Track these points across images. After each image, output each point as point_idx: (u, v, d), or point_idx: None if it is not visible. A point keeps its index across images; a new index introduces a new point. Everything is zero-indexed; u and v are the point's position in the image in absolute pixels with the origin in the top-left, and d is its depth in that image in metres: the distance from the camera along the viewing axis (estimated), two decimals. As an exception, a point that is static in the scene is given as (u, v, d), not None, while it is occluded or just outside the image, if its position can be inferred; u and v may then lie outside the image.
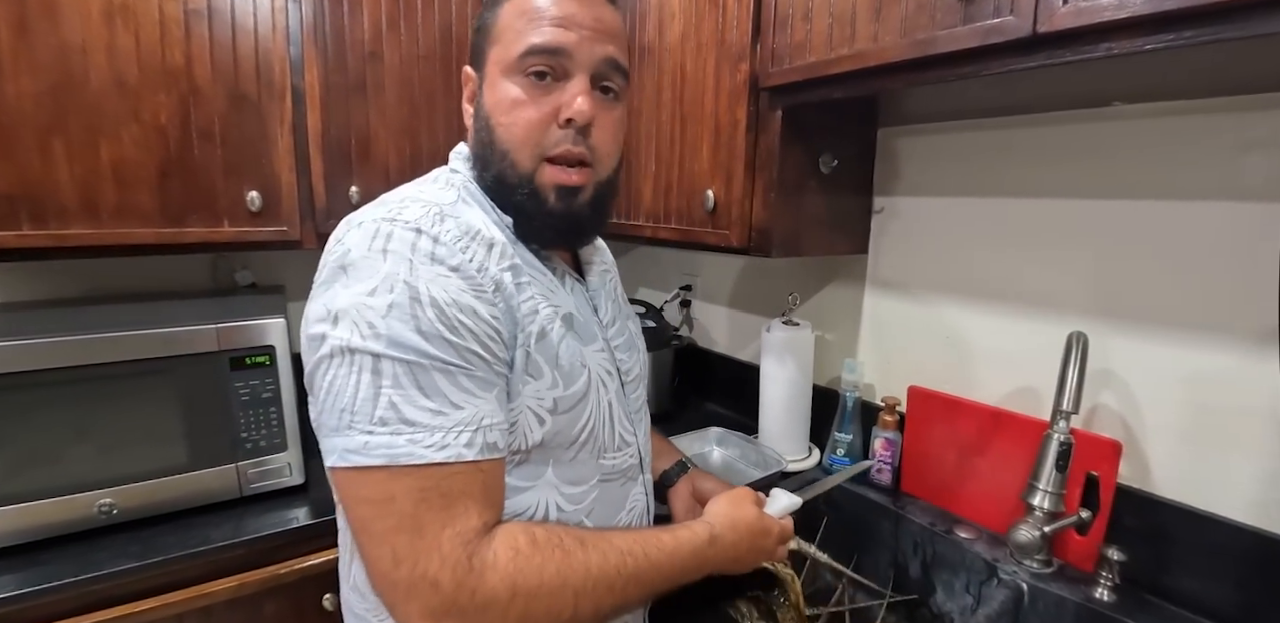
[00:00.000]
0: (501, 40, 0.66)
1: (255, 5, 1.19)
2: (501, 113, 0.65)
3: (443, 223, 0.60)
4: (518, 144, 0.65)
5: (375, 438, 0.54)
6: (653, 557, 0.63)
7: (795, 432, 1.32)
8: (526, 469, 0.65)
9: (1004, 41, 0.73)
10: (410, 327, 0.55)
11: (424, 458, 0.54)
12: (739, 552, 0.72)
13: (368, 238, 0.58)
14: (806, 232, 1.15)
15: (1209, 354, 0.89)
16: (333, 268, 0.59)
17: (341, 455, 0.56)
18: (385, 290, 0.55)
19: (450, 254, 0.58)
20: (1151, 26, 0.63)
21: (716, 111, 1.13)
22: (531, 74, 0.64)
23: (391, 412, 0.55)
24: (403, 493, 0.54)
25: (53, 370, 0.99)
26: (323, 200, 1.29)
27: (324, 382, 0.57)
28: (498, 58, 0.66)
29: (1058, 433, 0.89)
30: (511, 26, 0.65)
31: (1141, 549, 0.91)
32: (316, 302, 0.59)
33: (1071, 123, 0.99)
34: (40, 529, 1.00)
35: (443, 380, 0.56)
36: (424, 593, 0.54)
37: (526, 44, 0.63)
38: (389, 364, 0.55)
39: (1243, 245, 0.84)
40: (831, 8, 0.92)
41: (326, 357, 0.57)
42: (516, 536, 0.58)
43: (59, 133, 1.07)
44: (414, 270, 0.56)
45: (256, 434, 1.13)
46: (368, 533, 0.56)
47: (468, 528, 0.56)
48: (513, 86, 0.65)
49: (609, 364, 0.74)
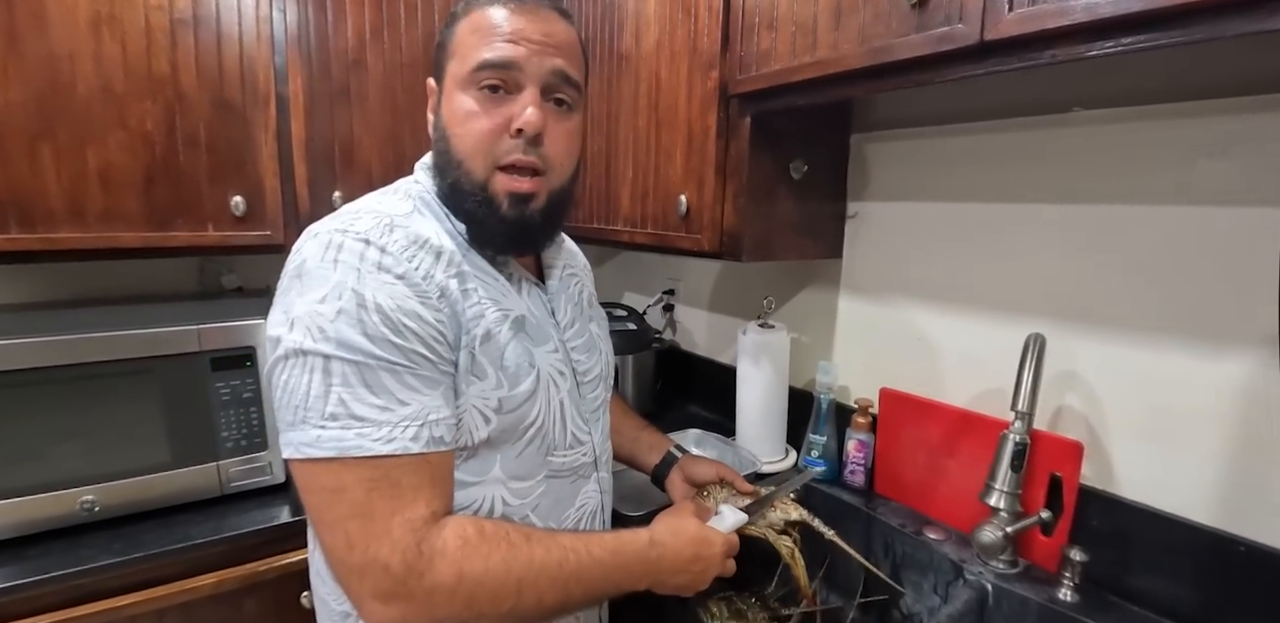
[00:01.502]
0: (457, 55, 0.69)
1: (240, 14, 1.22)
2: (456, 124, 0.68)
3: (391, 233, 0.63)
4: (471, 153, 0.68)
5: (326, 432, 0.58)
6: (595, 554, 0.66)
7: (771, 434, 1.33)
8: (474, 465, 0.68)
9: (954, 49, 0.74)
10: (357, 331, 0.59)
11: (371, 451, 0.58)
12: (682, 560, 0.73)
13: (321, 248, 0.62)
14: (778, 236, 1.16)
15: (1167, 357, 0.90)
16: (290, 276, 0.63)
17: (297, 448, 0.59)
18: (335, 297, 0.59)
19: (396, 263, 0.62)
20: (1092, 33, 0.65)
21: (689, 118, 1.15)
22: (484, 87, 0.67)
23: (341, 408, 0.58)
24: (354, 482, 0.58)
25: (37, 370, 1.01)
26: (306, 205, 1.32)
27: (280, 381, 0.61)
28: (454, 72, 0.69)
29: (1013, 434, 0.90)
30: (465, 42, 0.68)
31: (1104, 550, 0.91)
32: (276, 308, 0.63)
33: (1035, 128, 1.00)
34: (24, 525, 1.03)
35: (389, 379, 0.59)
36: (375, 575, 0.57)
37: (479, 59, 0.66)
38: (338, 365, 0.58)
39: (1198, 249, 0.86)
40: (795, 17, 0.94)
41: (281, 358, 0.60)
42: (466, 526, 0.61)
43: (47, 139, 1.10)
44: (361, 278, 0.60)
45: (237, 434, 1.15)
46: (323, 521, 0.60)
47: (417, 516, 0.59)
48: (467, 99, 0.68)
49: (562, 366, 0.76)
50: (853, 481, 1.23)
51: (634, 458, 1.04)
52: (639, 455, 1.04)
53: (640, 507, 1.09)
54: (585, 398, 0.80)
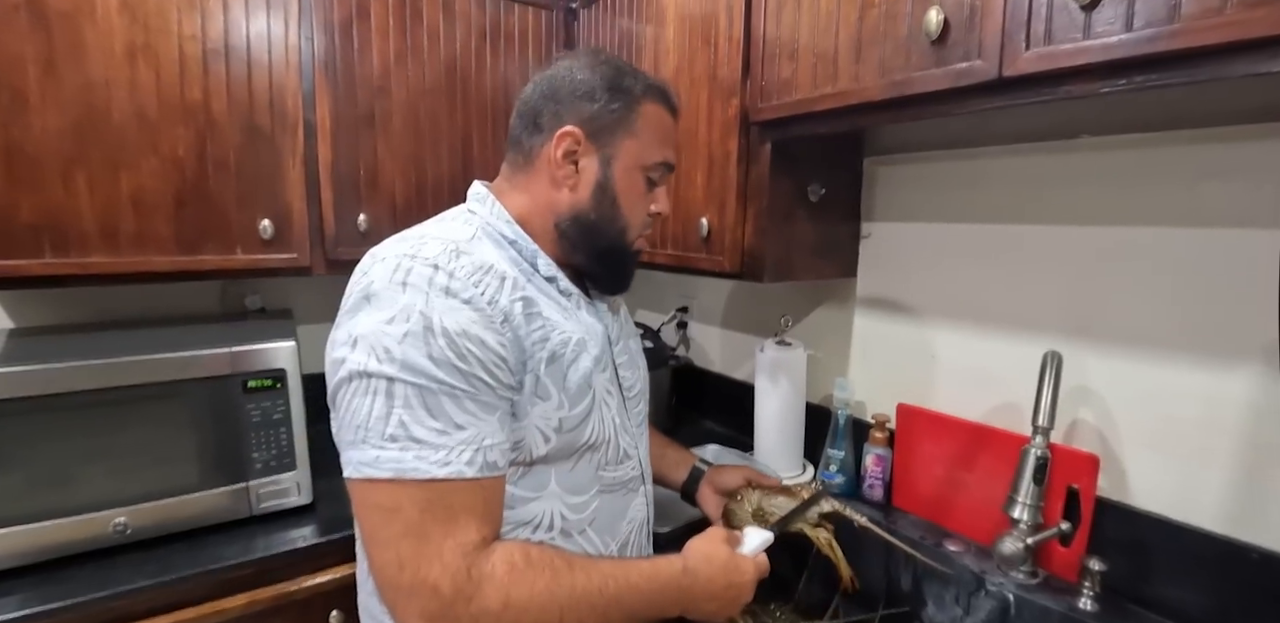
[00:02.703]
0: (640, 139, 0.78)
1: (270, 43, 1.26)
2: (628, 197, 0.79)
3: (458, 259, 0.66)
4: (634, 224, 0.81)
5: (385, 453, 0.60)
6: (633, 581, 0.68)
7: (789, 449, 1.36)
8: (531, 480, 0.71)
9: (973, 84, 0.79)
10: (422, 353, 0.61)
11: (427, 473, 0.60)
12: (715, 587, 0.75)
13: (389, 271, 0.64)
14: (796, 256, 1.20)
15: (1176, 370, 0.93)
16: (357, 297, 0.65)
17: (355, 467, 0.62)
18: (402, 319, 0.62)
19: (463, 288, 0.65)
20: (1106, 72, 0.69)
21: (710, 143, 1.19)
22: (651, 178, 0.81)
23: (401, 430, 0.61)
24: (409, 504, 0.60)
25: (73, 394, 1.02)
26: (332, 228, 1.35)
27: (343, 401, 0.63)
28: (635, 152, 0.78)
29: (1035, 448, 0.94)
30: (651, 132, 0.79)
31: (1122, 559, 0.94)
32: (341, 328, 0.65)
33: (1044, 154, 1.05)
34: (58, 548, 1.03)
35: (449, 404, 0.62)
36: (424, 597, 0.59)
37: (663, 159, 0.80)
38: (401, 387, 0.61)
39: (1203, 267, 0.90)
40: (816, 48, 0.98)
41: (346, 379, 0.63)
42: (514, 552, 0.63)
43: (81, 165, 1.12)
44: (429, 302, 0.63)
45: (266, 455, 1.17)
46: (376, 539, 0.62)
47: (468, 541, 0.61)
48: (641, 181, 0.80)
49: (610, 384, 0.79)
50: (871, 495, 1.25)
51: (661, 475, 1.06)
52: (666, 472, 1.06)
53: (668, 522, 1.11)
54: (631, 413, 0.83)
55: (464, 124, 1.49)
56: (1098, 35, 0.67)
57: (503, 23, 1.52)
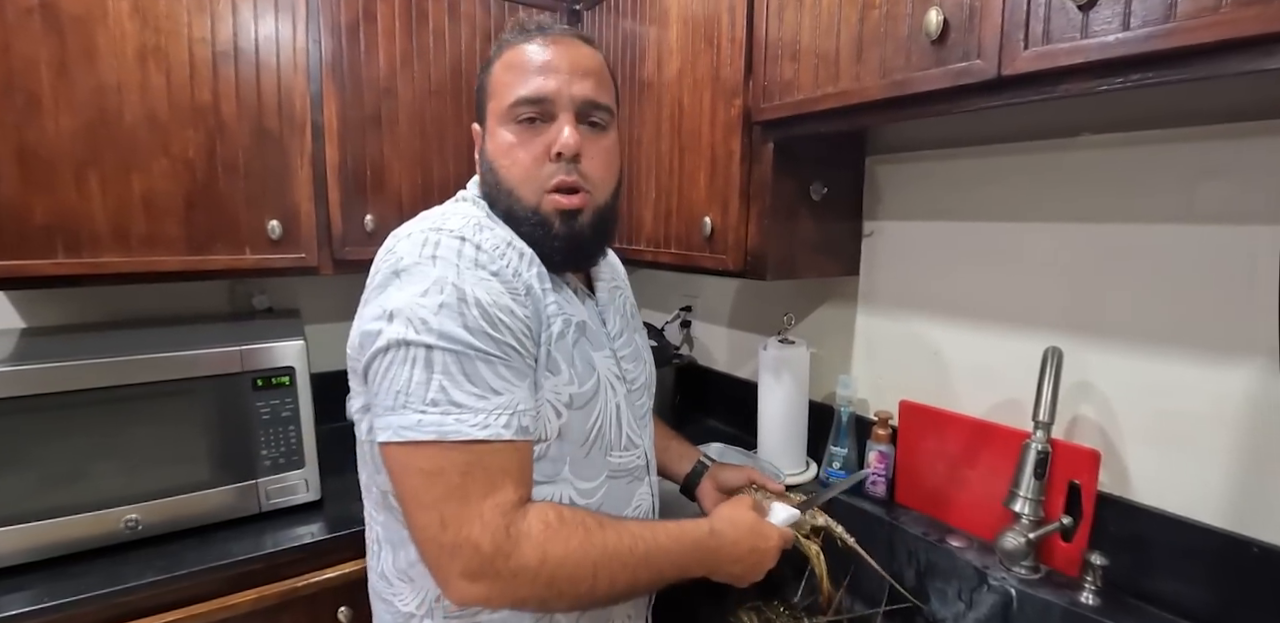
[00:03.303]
0: (495, 94, 0.76)
1: (278, 46, 1.27)
2: (501, 155, 0.75)
3: (482, 232, 0.69)
4: (520, 180, 0.74)
5: (428, 417, 0.62)
6: (661, 541, 0.70)
7: (793, 446, 1.37)
8: (545, 466, 0.72)
9: (972, 83, 0.80)
10: (458, 323, 0.63)
11: (469, 436, 0.62)
12: (740, 550, 0.77)
13: (417, 246, 0.66)
14: (799, 255, 1.21)
15: (1176, 366, 0.94)
16: (386, 273, 0.67)
17: (396, 432, 0.63)
18: (436, 291, 0.64)
19: (491, 259, 0.67)
20: (1104, 70, 0.70)
21: (713, 143, 1.20)
22: (522, 121, 0.73)
23: (442, 395, 0.62)
24: (451, 466, 0.62)
25: (85, 391, 1.04)
26: (339, 228, 1.36)
27: (380, 369, 0.65)
28: (494, 110, 0.76)
29: (1035, 443, 0.95)
30: (500, 81, 0.75)
31: (1123, 554, 0.95)
32: (371, 303, 0.67)
33: (1045, 152, 1.06)
34: (70, 544, 1.05)
35: (485, 370, 0.64)
36: (466, 554, 0.61)
37: (514, 96, 0.73)
38: (440, 355, 0.63)
39: (1202, 263, 0.91)
40: (817, 49, 1.00)
41: (383, 350, 0.64)
42: (548, 512, 0.66)
43: (94, 166, 1.14)
44: (460, 274, 0.65)
45: (275, 452, 1.18)
46: (417, 501, 0.64)
47: (506, 501, 0.63)
48: (508, 133, 0.74)
49: (615, 372, 0.81)
50: (874, 491, 1.26)
51: (664, 467, 1.07)
52: (669, 465, 1.07)
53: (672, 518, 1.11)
54: (634, 404, 0.85)
55: (469, 124, 1.50)
56: (1095, 34, 0.68)
57: (507, 24, 1.53)
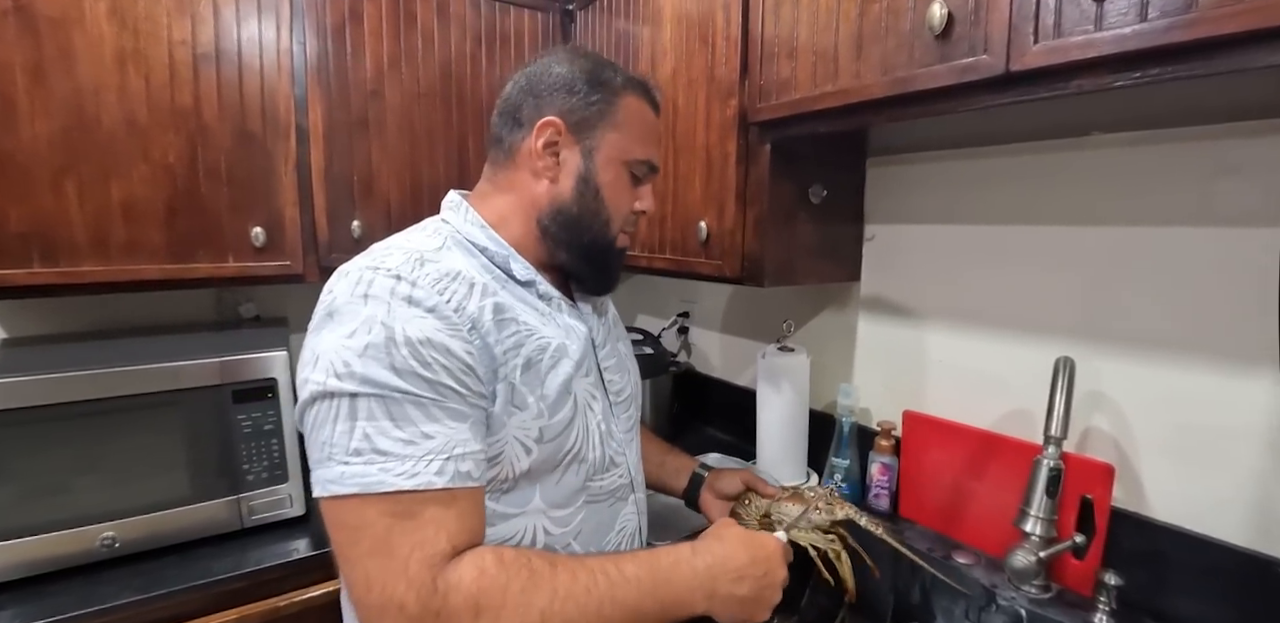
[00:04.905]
0: (623, 132, 0.76)
1: (262, 48, 1.24)
2: (611, 189, 0.77)
3: (421, 267, 0.65)
4: (616, 218, 0.78)
5: (350, 468, 0.58)
6: (628, 573, 0.64)
7: (793, 457, 1.33)
8: (514, 496, 0.68)
9: (979, 79, 0.76)
10: (384, 364, 0.59)
11: (394, 486, 0.58)
12: (737, 564, 0.69)
13: (351, 285, 0.63)
14: (798, 260, 1.17)
15: (1195, 375, 0.90)
16: (321, 315, 0.64)
17: (323, 486, 0.59)
18: (364, 332, 0.60)
19: (426, 296, 0.63)
20: (1119, 65, 0.66)
21: (708, 145, 1.16)
22: (635, 174, 0.79)
23: (365, 443, 0.59)
24: (375, 518, 0.58)
25: (58, 406, 1.00)
26: (325, 234, 1.33)
27: (309, 421, 0.62)
28: (617, 144, 0.76)
29: (1047, 459, 0.90)
30: (633, 126, 0.77)
31: (1139, 573, 0.91)
32: (306, 347, 0.64)
33: (1054, 151, 1.02)
34: (45, 563, 1.01)
35: (414, 412, 0.60)
36: (392, 615, 0.57)
37: (648, 156, 0.79)
38: (364, 402, 0.59)
39: (1220, 268, 0.87)
40: (815, 46, 0.96)
41: (310, 401, 0.61)
42: (484, 557, 0.60)
43: (71, 173, 1.11)
44: (391, 312, 0.61)
45: (258, 466, 1.14)
46: (345, 559, 0.60)
47: (436, 552, 0.58)
48: (625, 175, 0.78)
49: (595, 389, 0.77)
50: (877, 504, 1.22)
51: (662, 483, 1.04)
52: (667, 480, 1.04)
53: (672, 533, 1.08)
54: (619, 419, 0.81)
55: (459, 128, 1.47)
56: (1110, 26, 0.64)
57: (498, 25, 1.50)
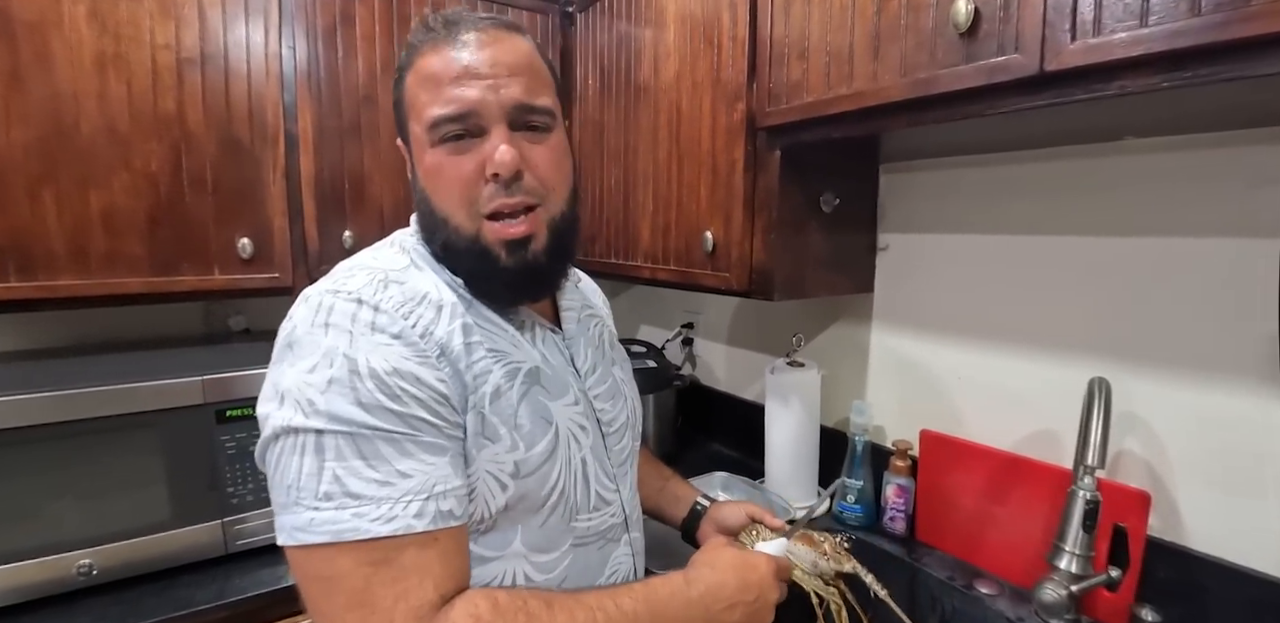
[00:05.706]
0: (414, 113, 0.65)
1: (249, 52, 1.19)
2: (431, 180, 0.65)
3: (385, 289, 0.60)
4: (454, 208, 0.64)
5: (320, 514, 0.53)
6: (625, 607, 0.59)
7: (803, 477, 1.27)
8: (492, 538, 0.63)
9: (1010, 80, 0.70)
10: (349, 400, 0.54)
11: (370, 533, 0.52)
12: (729, 591, 0.66)
13: (311, 312, 0.58)
14: (809, 272, 1.12)
15: (1235, 397, 0.84)
16: (281, 346, 0.59)
17: (290, 534, 0.54)
18: (325, 365, 0.55)
19: (391, 321, 0.58)
20: (1167, 64, 0.60)
21: (714, 151, 1.11)
22: (448, 140, 0.62)
23: (336, 486, 0.53)
24: (351, 568, 0.53)
25: (33, 428, 0.95)
26: (315, 245, 1.28)
27: (271, 461, 0.57)
28: (416, 132, 0.65)
29: (1083, 491, 0.83)
30: (417, 98, 0.64)
31: (1174, 607, 0.86)
32: (267, 380, 0.59)
33: (1082, 157, 0.96)
34: (17, 592, 0.96)
35: (388, 449, 0.55)
36: None
37: (432, 115, 0.62)
38: (331, 439, 0.54)
39: (1264, 283, 0.80)
40: (829, 46, 0.90)
41: (272, 438, 0.56)
42: (477, 602, 0.55)
43: (49, 182, 1.06)
44: (354, 342, 0.56)
45: (243, 489, 1.09)
46: (319, 613, 0.54)
47: (423, 602, 0.53)
48: (435, 155, 0.63)
49: (583, 419, 0.71)
50: (892, 528, 1.16)
51: (660, 511, 0.98)
52: (665, 508, 0.98)
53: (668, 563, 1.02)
54: (611, 450, 0.74)
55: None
56: (1158, 22, 0.58)
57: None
